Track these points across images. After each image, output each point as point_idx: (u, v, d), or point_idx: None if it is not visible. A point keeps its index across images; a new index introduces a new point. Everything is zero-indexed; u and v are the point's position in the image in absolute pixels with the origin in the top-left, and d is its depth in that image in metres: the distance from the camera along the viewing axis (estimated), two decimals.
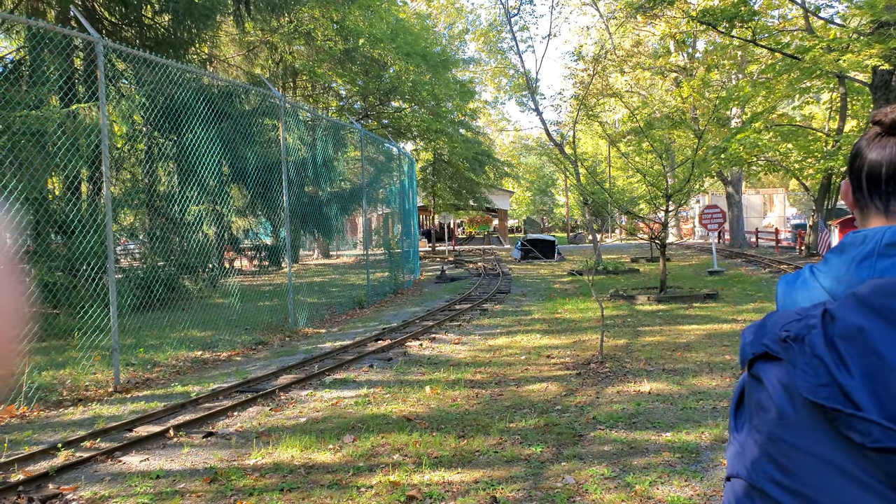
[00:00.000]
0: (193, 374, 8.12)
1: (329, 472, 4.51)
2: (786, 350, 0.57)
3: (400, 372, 7.63)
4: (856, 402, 0.51)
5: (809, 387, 0.54)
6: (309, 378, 7.28)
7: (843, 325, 0.55)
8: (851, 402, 0.51)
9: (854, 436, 0.51)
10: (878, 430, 0.50)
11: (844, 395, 0.52)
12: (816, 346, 0.55)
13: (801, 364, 0.55)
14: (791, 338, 0.57)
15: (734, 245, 29.65)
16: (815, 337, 0.56)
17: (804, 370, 0.55)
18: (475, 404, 6.16)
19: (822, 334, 0.56)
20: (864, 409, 0.51)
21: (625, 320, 10.80)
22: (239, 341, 10.21)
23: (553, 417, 5.56)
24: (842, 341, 0.54)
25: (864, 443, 0.50)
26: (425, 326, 10.59)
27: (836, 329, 0.55)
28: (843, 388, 0.52)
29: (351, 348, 9.04)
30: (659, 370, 7.16)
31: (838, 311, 0.57)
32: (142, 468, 4.67)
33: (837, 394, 0.52)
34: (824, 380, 0.53)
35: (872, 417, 0.50)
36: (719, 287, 14.55)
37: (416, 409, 6.03)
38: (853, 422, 0.51)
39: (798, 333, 0.57)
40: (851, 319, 0.55)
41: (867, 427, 0.50)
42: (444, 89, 30.16)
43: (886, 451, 0.49)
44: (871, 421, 0.50)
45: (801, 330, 0.57)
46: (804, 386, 0.54)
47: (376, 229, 18.43)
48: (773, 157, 23.58)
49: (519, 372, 7.45)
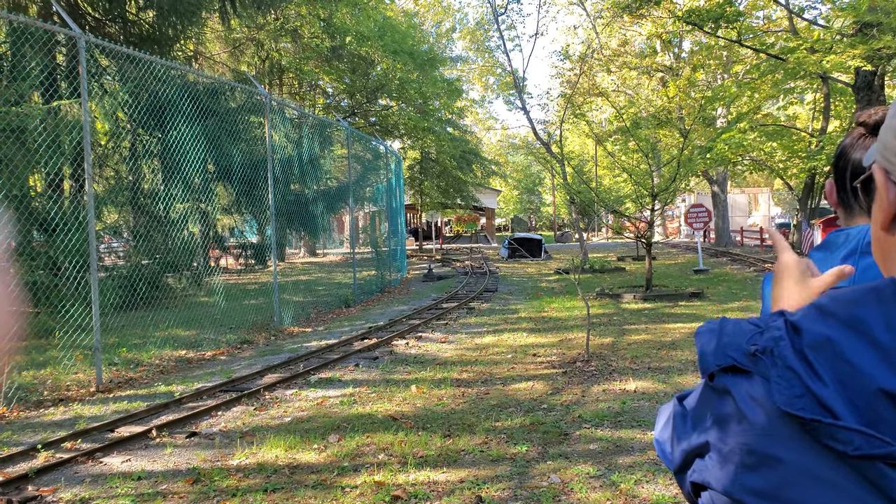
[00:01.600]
0: (177, 374, 8.04)
1: (313, 472, 4.48)
2: (755, 364, 0.57)
3: (386, 371, 7.60)
4: (833, 410, 0.51)
5: (786, 399, 0.53)
6: (294, 377, 7.23)
7: (811, 337, 0.55)
8: (829, 411, 0.51)
9: (835, 445, 0.50)
10: (858, 437, 0.50)
11: (821, 405, 0.52)
12: (788, 357, 0.55)
13: (774, 377, 0.55)
14: (760, 351, 0.57)
15: (720, 244, 29.86)
16: (784, 349, 0.56)
17: (778, 383, 0.54)
18: (461, 403, 6.14)
19: (790, 346, 0.56)
20: (842, 417, 0.51)
21: (611, 319, 10.84)
22: (224, 340, 10.13)
23: (539, 416, 5.56)
24: (811, 352, 0.54)
25: (845, 451, 0.50)
26: (412, 325, 10.56)
27: (803, 340, 0.55)
28: (818, 398, 0.52)
29: (337, 347, 9.00)
30: (644, 369, 7.18)
31: (803, 322, 0.57)
32: (123, 469, 4.61)
33: (814, 404, 0.52)
34: (799, 391, 0.53)
35: (852, 426, 0.50)
36: (705, 286, 14.64)
37: (401, 409, 6.01)
38: (833, 431, 0.51)
39: (766, 346, 0.57)
40: (818, 330, 0.55)
41: (847, 435, 0.50)
42: (431, 87, 30.11)
43: (868, 458, 0.49)
44: (851, 429, 0.50)
45: (769, 342, 0.57)
46: (780, 398, 0.54)
47: (363, 228, 18.36)
48: (758, 157, 23.76)
49: (505, 371, 7.44)
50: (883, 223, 0.65)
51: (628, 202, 14.09)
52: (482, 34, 36.65)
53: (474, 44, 38.34)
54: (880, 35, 13.72)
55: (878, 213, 0.66)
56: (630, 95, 31.27)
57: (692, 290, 13.25)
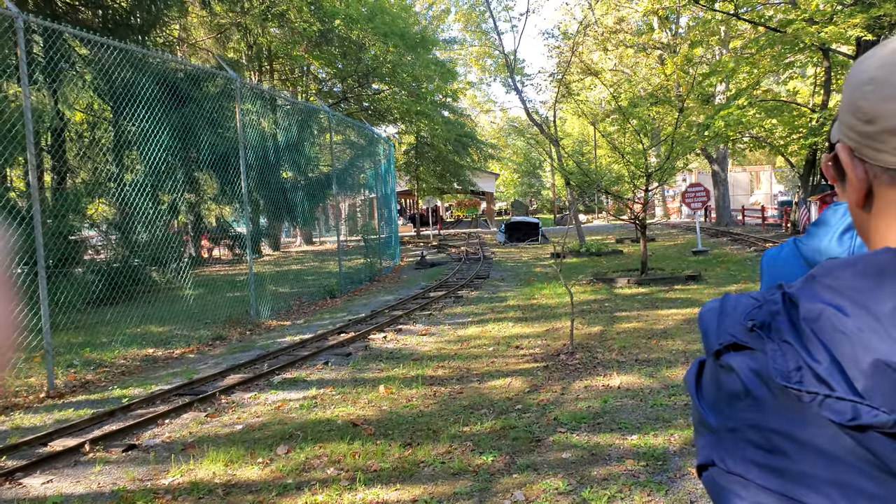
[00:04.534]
0: (139, 375, 7.60)
1: (251, 491, 4.01)
2: (754, 339, 0.57)
3: (356, 369, 7.13)
4: (828, 382, 0.52)
5: (782, 372, 0.54)
6: (257, 378, 6.77)
7: (806, 308, 0.56)
8: (825, 383, 0.52)
9: (832, 416, 0.51)
10: (852, 407, 0.50)
11: (816, 377, 0.52)
12: (784, 331, 0.56)
13: (770, 351, 0.56)
14: (758, 325, 0.57)
15: (720, 223, 29.26)
16: (780, 322, 0.56)
17: (774, 357, 0.55)
18: (431, 404, 5.68)
19: (787, 319, 0.56)
20: (837, 389, 0.51)
21: (602, 305, 10.34)
22: (196, 336, 9.68)
23: (511, 419, 5.09)
24: (806, 324, 0.55)
25: (841, 422, 0.50)
26: (394, 316, 10.09)
27: (800, 313, 0.56)
28: (814, 371, 0.53)
29: (311, 342, 8.53)
30: (632, 361, 6.70)
31: (799, 293, 0.57)
32: (40, 492, 4.16)
33: (810, 376, 0.53)
34: (795, 364, 0.54)
35: (848, 396, 0.50)
36: (703, 268, 14.11)
37: (365, 412, 5.54)
38: (829, 402, 0.51)
39: (763, 321, 0.57)
40: (813, 302, 0.55)
41: (843, 406, 0.50)
42: (424, 70, 29.38)
43: (864, 427, 0.49)
44: (847, 399, 0.50)
45: (766, 317, 0.58)
46: (777, 372, 0.54)
47: (350, 215, 17.85)
48: (758, 134, 23.12)
49: (484, 366, 6.97)
50: (857, 201, 0.65)
51: (622, 183, 13.52)
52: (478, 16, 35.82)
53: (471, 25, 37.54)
54: (881, 3, 13.09)
55: (851, 193, 0.66)
56: (627, 74, 30.57)
57: (689, 273, 12.73)
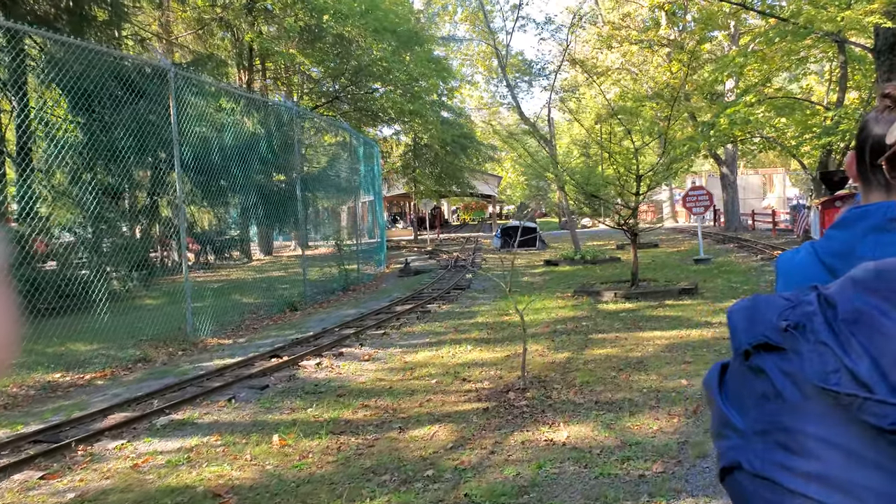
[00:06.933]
0: (20, 409, 6.49)
1: None
2: (787, 339, 0.56)
3: (264, 407, 5.98)
4: (868, 384, 0.51)
5: (819, 374, 0.53)
6: (141, 418, 5.64)
7: (845, 309, 0.54)
8: (864, 385, 0.51)
9: (870, 419, 0.50)
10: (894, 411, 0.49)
11: (855, 380, 0.51)
12: (820, 332, 0.54)
13: (806, 352, 0.54)
14: (792, 326, 0.56)
15: (729, 228, 27.86)
16: (817, 323, 0.55)
17: (811, 358, 0.54)
18: (328, 464, 4.51)
19: (823, 320, 0.55)
20: (877, 391, 0.50)
21: (578, 324, 9.12)
22: (120, 357, 8.58)
23: (411, 495, 3.91)
24: (845, 325, 0.54)
25: (881, 425, 0.49)
26: (342, 336, 8.95)
27: (837, 314, 0.54)
28: (853, 373, 0.52)
29: (231, 369, 7.39)
30: (591, 403, 5.49)
31: (837, 295, 0.56)
32: None
33: (849, 379, 0.52)
34: (833, 366, 0.53)
35: (890, 399, 0.50)
36: (701, 279, 12.85)
37: (241, 474, 4.39)
38: (868, 405, 0.50)
39: (798, 321, 0.56)
40: (852, 303, 0.54)
41: (883, 409, 0.50)
42: (419, 68, 28.20)
43: None
44: (887, 402, 0.50)
45: (801, 317, 0.56)
46: (813, 374, 0.53)
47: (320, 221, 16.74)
48: (769, 134, 21.76)
49: (416, 405, 5.80)
50: None
51: (610, 188, 12.31)
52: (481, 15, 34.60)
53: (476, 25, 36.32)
54: None
55: None
56: (634, 73, 29.28)
57: (683, 286, 11.47)
